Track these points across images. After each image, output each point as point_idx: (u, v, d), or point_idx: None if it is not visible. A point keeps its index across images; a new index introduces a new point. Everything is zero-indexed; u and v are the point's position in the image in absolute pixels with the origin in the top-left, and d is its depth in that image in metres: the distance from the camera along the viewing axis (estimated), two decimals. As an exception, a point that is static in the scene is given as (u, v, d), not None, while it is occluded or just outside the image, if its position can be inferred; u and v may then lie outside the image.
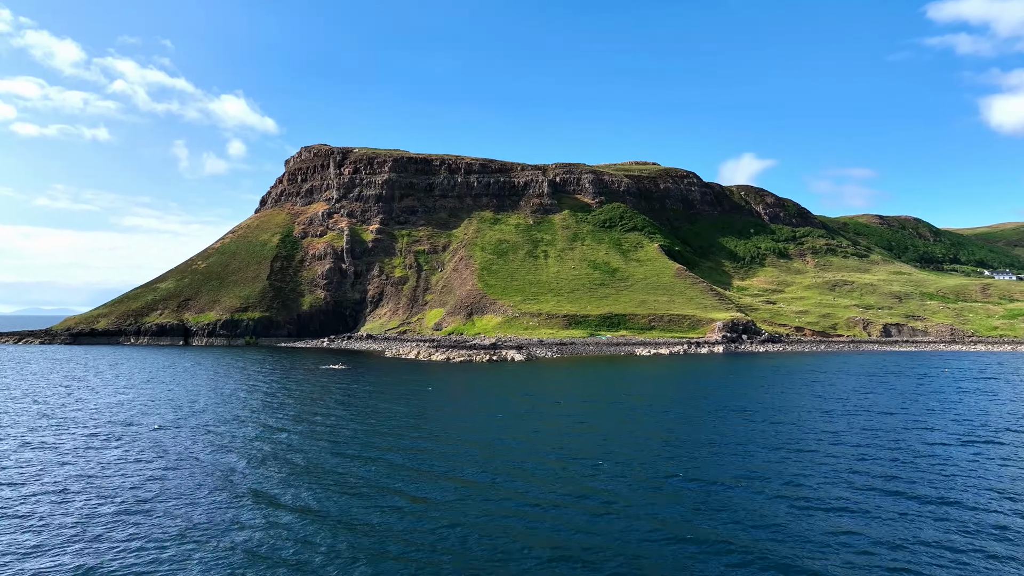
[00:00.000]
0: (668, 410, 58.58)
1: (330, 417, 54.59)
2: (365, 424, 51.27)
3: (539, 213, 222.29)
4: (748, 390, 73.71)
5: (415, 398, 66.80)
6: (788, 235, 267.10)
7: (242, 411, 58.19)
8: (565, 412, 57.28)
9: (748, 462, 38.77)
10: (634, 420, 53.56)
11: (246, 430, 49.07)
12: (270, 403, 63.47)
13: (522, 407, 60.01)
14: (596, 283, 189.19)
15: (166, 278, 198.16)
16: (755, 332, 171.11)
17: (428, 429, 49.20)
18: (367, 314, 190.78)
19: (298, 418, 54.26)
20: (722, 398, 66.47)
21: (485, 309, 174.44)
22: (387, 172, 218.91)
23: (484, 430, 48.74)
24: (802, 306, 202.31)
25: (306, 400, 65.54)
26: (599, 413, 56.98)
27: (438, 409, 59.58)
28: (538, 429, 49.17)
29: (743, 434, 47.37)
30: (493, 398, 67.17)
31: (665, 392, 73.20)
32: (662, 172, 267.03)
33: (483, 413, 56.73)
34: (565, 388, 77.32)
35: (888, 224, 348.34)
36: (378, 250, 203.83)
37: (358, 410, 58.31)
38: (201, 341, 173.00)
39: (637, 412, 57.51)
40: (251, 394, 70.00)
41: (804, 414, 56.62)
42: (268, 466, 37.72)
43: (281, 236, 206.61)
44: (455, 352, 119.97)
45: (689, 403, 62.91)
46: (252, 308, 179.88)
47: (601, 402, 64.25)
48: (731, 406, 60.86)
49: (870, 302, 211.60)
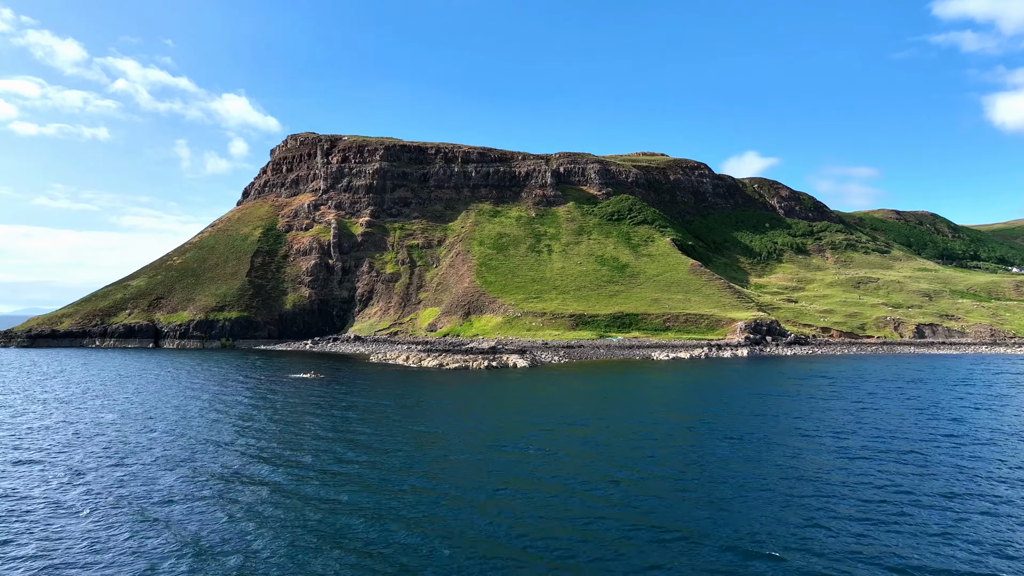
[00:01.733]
0: (721, 436, 43.53)
1: (256, 460, 39.60)
2: (299, 473, 36.34)
3: (542, 205, 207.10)
4: (807, 409, 58.63)
5: (390, 422, 51.77)
6: (805, 230, 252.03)
7: (141, 438, 43.17)
8: (588, 444, 42.34)
9: (857, 535, 23.73)
10: (686, 461, 38.53)
11: (120, 472, 34.07)
12: (191, 430, 48.46)
13: (530, 436, 45.06)
14: (604, 280, 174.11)
15: (139, 275, 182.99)
16: (780, 333, 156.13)
17: (395, 485, 34.21)
18: (356, 314, 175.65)
19: (211, 457, 39.26)
20: (782, 418, 51.49)
21: (484, 308, 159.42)
22: (378, 161, 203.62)
23: (477, 484, 33.78)
24: (826, 305, 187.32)
25: (242, 426, 50.54)
26: (635, 446, 42.00)
27: (416, 441, 44.57)
28: (557, 482, 34.18)
29: (839, 483, 32.36)
30: (491, 421, 52.14)
31: (706, 410, 58.19)
32: (672, 163, 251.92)
33: (476, 454, 41.75)
34: (580, 404, 62.32)
35: (905, 220, 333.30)
36: (368, 244, 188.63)
37: (306, 443, 43.35)
38: (173, 343, 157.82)
39: (681, 444, 42.53)
40: (179, 412, 54.97)
41: (921, 450, 41.54)
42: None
43: (263, 230, 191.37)
44: (449, 357, 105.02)
45: (747, 426, 47.96)
46: (229, 307, 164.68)
47: (630, 425, 49.29)
48: (801, 429, 45.83)
49: (898, 300, 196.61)
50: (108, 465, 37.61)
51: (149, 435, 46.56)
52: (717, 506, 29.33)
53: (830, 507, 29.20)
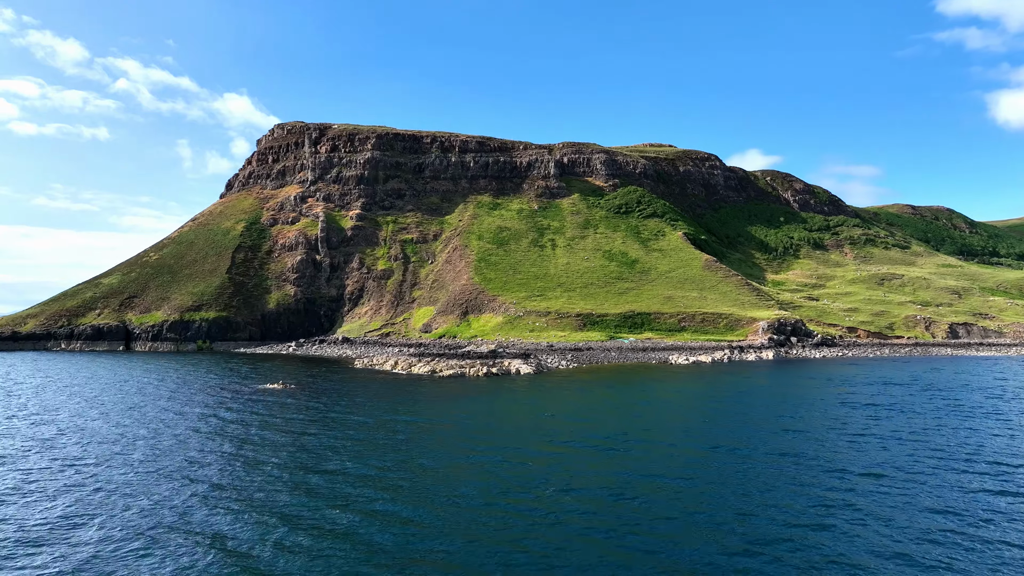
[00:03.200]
0: (806, 482, 30.74)
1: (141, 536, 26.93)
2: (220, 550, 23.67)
3: (545, 197, 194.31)
4: (891, 433, 45.79)
5: (357, 461, 39.06)
6: (821, 224, 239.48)
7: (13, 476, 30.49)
8: (621, 496, 29.65)
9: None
10: (758, 530, 25.77)
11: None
12: (81, 468, 35.68)
13: (543, 479, 32.34)
14: (613, 276, 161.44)
15: (113, 272, 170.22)
16: (805, 334, 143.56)
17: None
18: (345, 313, 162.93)
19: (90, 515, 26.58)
20: (870, 448, 38.73)
21: (483, 307, 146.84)
22: (370, 150, 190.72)
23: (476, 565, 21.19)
24: (849, 303, 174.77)
25: (164, 465, 37.79)
26: (679, 480, 29.32)
27: (392, 496, 31.83)
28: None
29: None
30: (495, 455, 39.42)
31: (762, 434, 45.18)
32: (681, 154, 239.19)
33: (480, 523, 29.06)
34: (600, 424, 49.55)
35: (921, 215, 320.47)
36: (358, 239, 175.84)
37: (226, 501, 30.68)
38: (144, 346, 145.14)
39: (745, 489, 29.77)
40: (81, 437, 42.10)
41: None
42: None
43: (247, 224, 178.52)
44: (444, 363, 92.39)
45: (840, 460, 35.12)
46: (207, 307, 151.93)
47: (666, 451, 36.49)
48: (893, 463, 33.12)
49: (925, 298, 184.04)
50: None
51: (23, 475, 33.98)
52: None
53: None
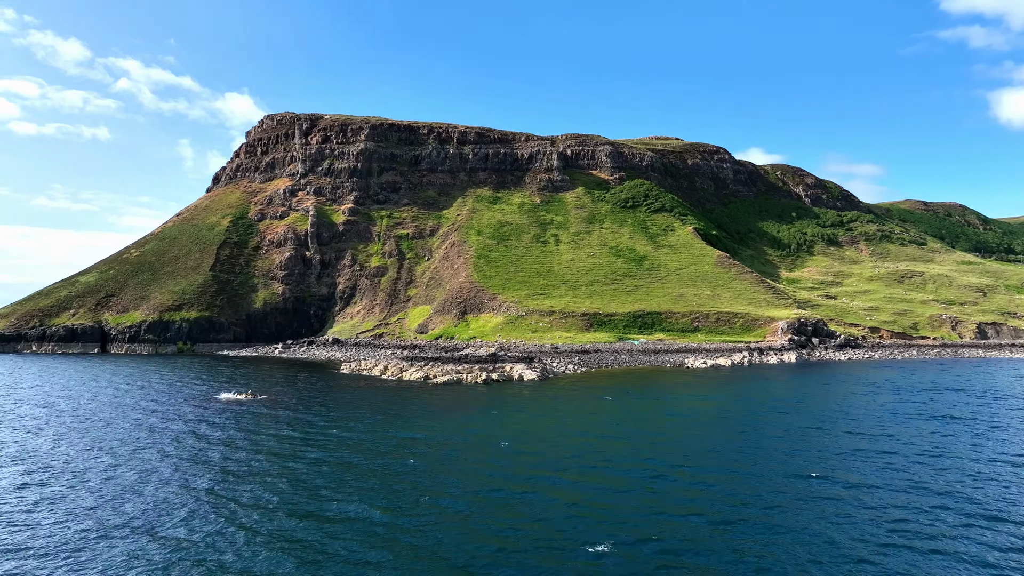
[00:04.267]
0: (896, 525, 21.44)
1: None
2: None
3: (547, 191, 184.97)
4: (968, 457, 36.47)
5: (321, 506, 29.71)
6: (834, 220, 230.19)
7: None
8: (684, 536, 20.41)
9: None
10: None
11: None
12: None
13: (573, 529, 23.02)
14: (620, 273, 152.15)
15: (91, 270, 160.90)
16: (827, 334, 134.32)
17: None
18: (336, 313, 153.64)
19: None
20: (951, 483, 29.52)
21: (482, 306, 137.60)
22: (363, 141, 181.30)
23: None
24: (869, 301, 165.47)
25: (63, 504, 28.52)
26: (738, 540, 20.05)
27: (344, 547, 22.54)
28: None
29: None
30: (495, 487, 30.05)
31: (814, 456, 35.79)
32: (688, 147, 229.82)
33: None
34: (626, 442, 40.22)
35: (933, 211, 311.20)
36: (351, 235, 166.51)
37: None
38: (121, 348, 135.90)
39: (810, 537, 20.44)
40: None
41: None
42: None
43: (233, 218, 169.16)
44: (438, 368, 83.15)
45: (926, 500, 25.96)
46: (188, 306, 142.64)
47: (724, 483, 27.24)
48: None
49: (949, 296, 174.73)
50: None
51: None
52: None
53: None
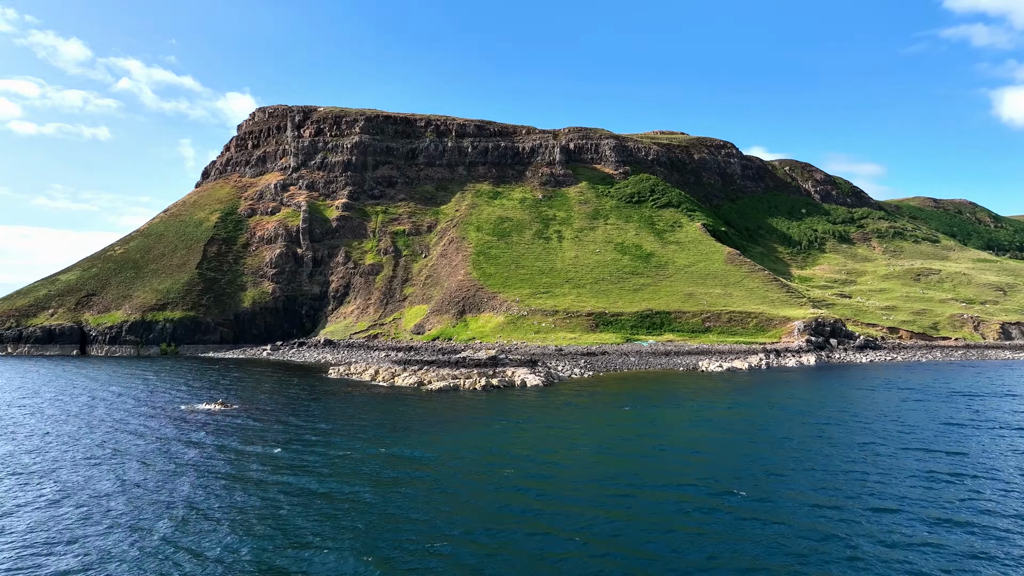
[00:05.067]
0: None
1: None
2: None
3: (550, 185, 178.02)
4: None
5: (261, 540, 22.74)
6: (845, 216, 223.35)
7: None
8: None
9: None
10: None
11: None
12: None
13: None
14: (627, 271, 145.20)
15: (73, 268, 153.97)
16: (846, 335, 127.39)
17: None
18: (328, 312, 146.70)
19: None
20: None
21: (482, 306, 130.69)
22: (358, 134, 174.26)
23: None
24: (886, 300, 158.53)
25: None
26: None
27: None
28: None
29: None
30: (501, 531, 23.07)
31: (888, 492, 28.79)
32: (695, 141, 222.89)
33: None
34: (656, 465, 33.20)
35: (944, 208, 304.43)
36: (344, 231, 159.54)
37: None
38: (101, 349, 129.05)
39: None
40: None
41: None
42: None
43: (222, 214, 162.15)
44: (433, 372, 76.19)
45: None
46: (173, 306, 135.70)
47: (799, 524, 20.30)
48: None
49: (968, 295, 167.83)
50: None
51: None
52: None
53: None
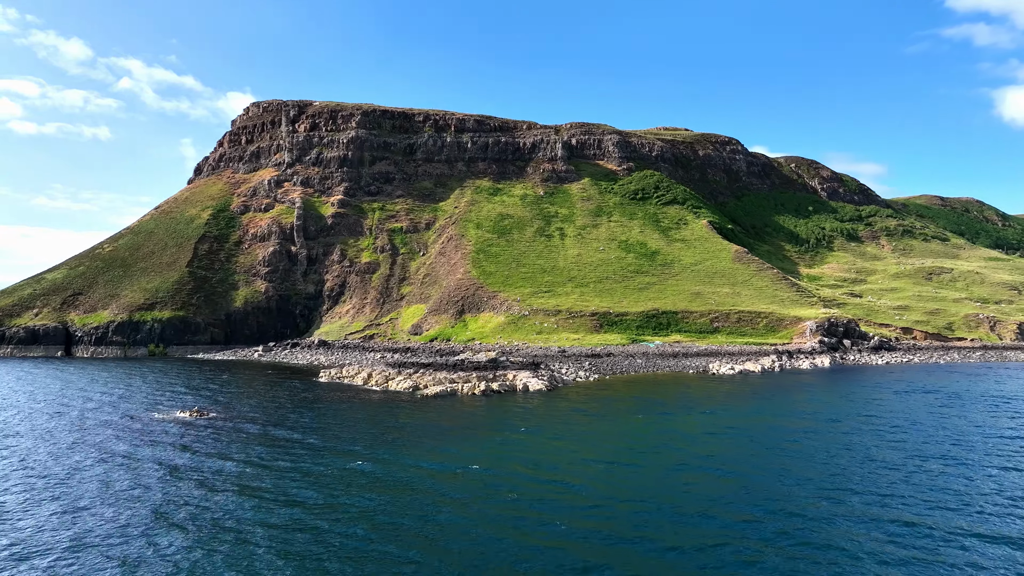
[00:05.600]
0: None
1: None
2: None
3: (551, 182, 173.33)
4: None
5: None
6: (853, 214, 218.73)
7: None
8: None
9: None
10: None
11: None
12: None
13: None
14: (632, 270, 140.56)
15: (60, 266, 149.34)
16: (859, 336, 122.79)
17: None
18: (323, 312, 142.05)
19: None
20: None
21: (481, 305, 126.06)
22: (354, 128, 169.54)
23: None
24: (898, 300, 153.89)
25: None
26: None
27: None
28: None
29: None
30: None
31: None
32: (699, 137, 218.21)
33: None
34: (674, 480, 28.52)
35: (951, 207, 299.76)
36: (340, 228, 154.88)
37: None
38: (87, 351, 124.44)
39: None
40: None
41: None
42: None
43: (214, 211, 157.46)
44: (430, 376, 71.52)
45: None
46: (162, 305, 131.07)
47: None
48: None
49: (982, 295, 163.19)
50: None
51: None
52: None
53: None
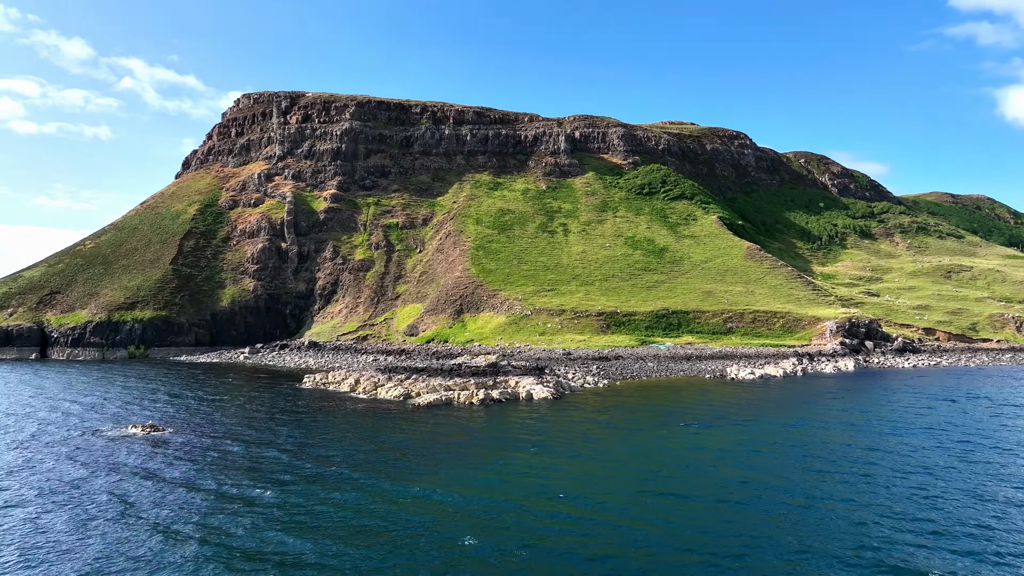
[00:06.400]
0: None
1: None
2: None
3: (554, 176, 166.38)
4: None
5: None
6: (865, 211, 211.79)
7: None
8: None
9: None
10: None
11: None
12: None
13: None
14: (639, 267, 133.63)
15: (40, 264, 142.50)
16: (882, 337, 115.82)
17: None
18: (315, 312, 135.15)
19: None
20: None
21: (481, 304, 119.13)
22: (348, 120, 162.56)
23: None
24: (917, 299, 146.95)
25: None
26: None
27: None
28: None
29: None
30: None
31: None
32: (706, 131, 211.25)
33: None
34: (717, 516, 21.60)
35: (962, 204, 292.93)
36: (333, 224, 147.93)
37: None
38: (63, 353, 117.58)
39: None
40: None
41: None
42: None
43: (201, 206, 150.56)
44: (422, 383, 64.56)
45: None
46: (143, 304, 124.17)
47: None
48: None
49: (1004, 293, 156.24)
50: None
51: None
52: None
53: None
